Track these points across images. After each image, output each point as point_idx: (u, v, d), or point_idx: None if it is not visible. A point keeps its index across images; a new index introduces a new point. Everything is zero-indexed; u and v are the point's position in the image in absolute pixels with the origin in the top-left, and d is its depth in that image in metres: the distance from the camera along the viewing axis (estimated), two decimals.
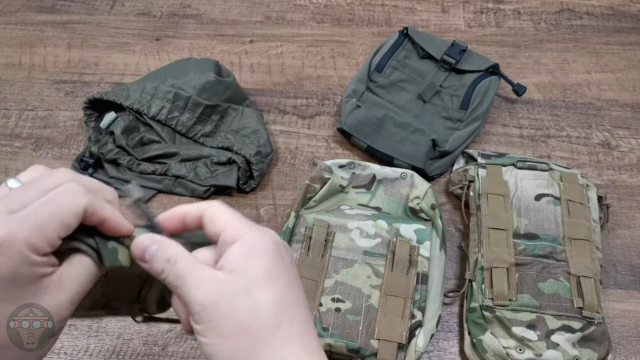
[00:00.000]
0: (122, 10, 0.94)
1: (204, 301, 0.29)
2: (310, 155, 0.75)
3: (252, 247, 0.31)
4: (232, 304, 0.29)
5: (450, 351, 0.60)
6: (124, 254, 0.32)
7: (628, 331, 0.61)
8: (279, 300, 0.30)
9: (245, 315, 0.29)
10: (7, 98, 0.82)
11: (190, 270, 0.30)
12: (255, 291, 0.30)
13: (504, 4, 0.94)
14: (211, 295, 0.29)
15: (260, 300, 0.29)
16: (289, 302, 0.30)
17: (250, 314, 0.29)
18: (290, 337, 0.30)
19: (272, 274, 0.30)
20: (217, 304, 0.29)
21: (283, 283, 0.30)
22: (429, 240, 0.62)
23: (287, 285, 0.31)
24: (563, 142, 0.77)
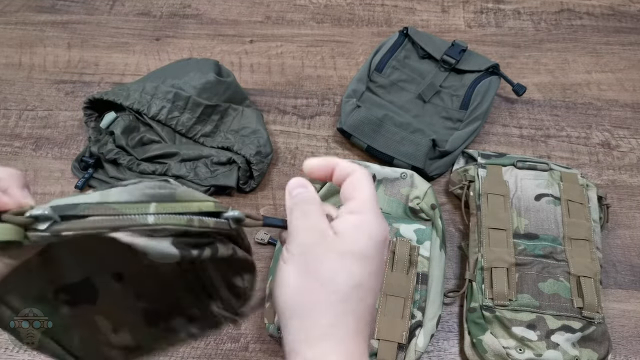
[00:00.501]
0: (122, 10, 0.94)
1: (307, 245, 0.31)
2: (310, 155, 0.75)
3: (366, 226, 0.32)
4: (324, 258, 0.31)
5: (450, 351, 0.60)
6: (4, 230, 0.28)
7: (628, 331, 0.61)
8: (361, 277, 0.31)
9: (328, 270, 0.31)
10: (7, 98, 0.82)
11: (313, 215, 0.33)
12: (348, 259, 0.31)
13: (504, 4, 0.94)
14: (315, 244, 0.31)
15: (347, 267, 0.31)
16: (367, 285, 0.32)
17: (331, 273, 0.31)
18: (350, 312, 0.31)
19: (369, 255, 0.32)
20: (314, 251, 0.31)
21: (372, 267, 0.32)
22: (429, 240, 0.62)
23: (374, 272, 0.32)
24: (563, 142, 0.77)
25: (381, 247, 0.33)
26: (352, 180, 0.35)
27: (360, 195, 0.34)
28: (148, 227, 0.28)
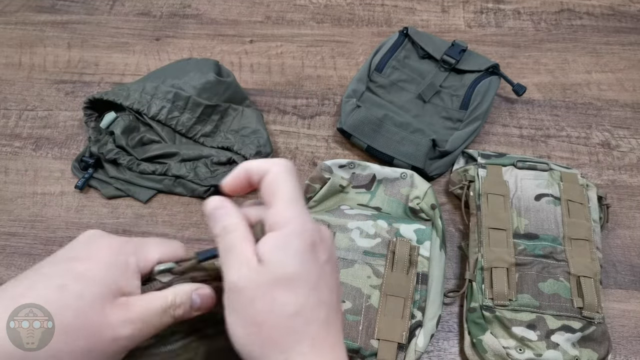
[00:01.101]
0: (122, 10, 0.94)
1: (234, 283, 0.30)
2: (310, 155, 0.75)
3: (285, 242, 0.30)
4: (253, 296, 0.30)
5: (450, 351, 0.60)
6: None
7: (628, 331, 0.61)
8: (297, 304, 0.30)
9: (262, 310, 0.29)
10: (7, 98, 0.82)
11: (236, 247, 0.31)
12: (276, 290, 0.30)
13: (504, 4, 0.94)
14: (241, 280, 0.30)
15: (278, 301, 0.30)
16: (310, 305, 0.30)
17: (266, 310, 0.29)
18: (300, 340, 0.30)
19: (296, 275, 0.30)
20: (242, 290, 0.30)
21: (308, 285, 0.30)
22: (429, 240, 0.62)
23: (312, 287, 0.30)
24: (563, 142, 0.77)
25: (309, 254, 0.30)
26: (266, 182, 0.32)
27: (276, 201, 0.31)
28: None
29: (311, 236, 0.31)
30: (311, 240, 0.31)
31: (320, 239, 0.32)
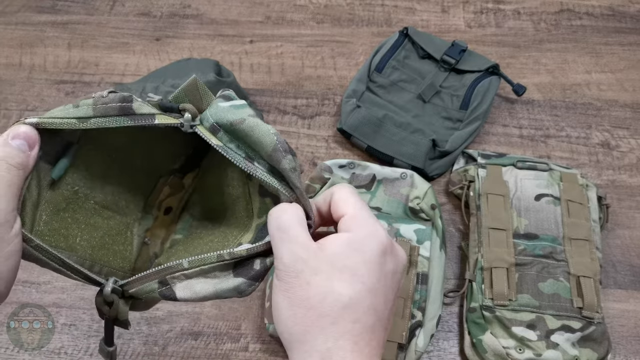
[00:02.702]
0: (122, 10, 0.94)
1: (288, 265, 0.31)
2: (310, 155, 0.75)
3: (358, 243, 0.31)
4: (309, 280, 0.30)
5: (450, 351, 0.60)
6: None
7: (628, 331, 0.61)
8: (353, 298, 0.30)
9: (315, 295, 0.30)
10: (8, 98, 0.82)
11: (293, 228, 0.31)
12: (335, 280, 0.30)
13: (504, 4, 0.94)
14: (298, 263, 0.30)
15: (334, 290, 0.30)
16: (363, 305, 0.30)
17: (319, 297, 0.30)
18: (344, 334, 0.30)
19: (359, 274, 0.30)
20: (299, 272, 0.30)
21: (365, 286, 0.30)
22: (429, 241, 0.62)
23: (369, 290, 0.31)
24: (563, 142, 0.77)
25: (376, 260, 0.31)
26: (334, 201, 0.34)
27: (346, 211, 0.33)
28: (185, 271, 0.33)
29: (383, 244, 0.32)
30: (383, 247, 0.31)
31: (392, 251, 0.32)
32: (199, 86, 0.34)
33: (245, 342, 0.61)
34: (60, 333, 0.61)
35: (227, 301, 0.63)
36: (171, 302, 0.36)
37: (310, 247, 0.31)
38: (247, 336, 0.61)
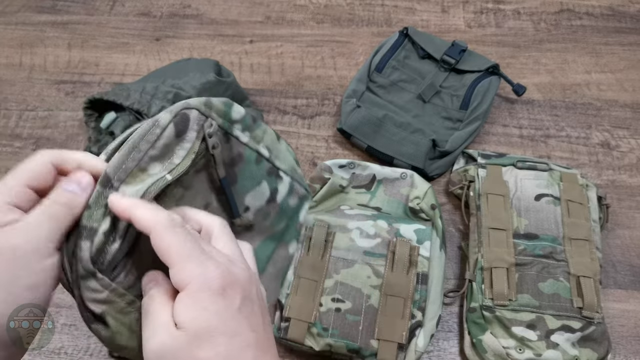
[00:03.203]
0: (122, 10, 0.94)
1: (155, 351, 0.29)
2: (310, 155, 0.75)
3: (196, 296, 0.29)
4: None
5: (450, 351, 0.60)
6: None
7: (627, 331, 0.61)
8: (220, 356, 0.29)
9: None
10: (8, 98, 0.82)
11: (155, 312, 0.30)
12: (195, 350, 0.29)
13: (504, 4, 0.94)
14: (160, 347, 0.29)
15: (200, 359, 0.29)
16: (233, 352, 0.29)
17: None
18: None
19: (212, 327, 0.29)
20: (164, 356, 0.29)
21: (226, 333, 0.29)
22: (429, 240, 0.62)
23: (231, 334, 0.30)
24: (563, 142, 0.77)
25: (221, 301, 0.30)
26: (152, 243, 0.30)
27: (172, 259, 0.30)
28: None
29: (217, 284, 0.30)
30: (217, 287, 0.30)
31: (230, 282, 0.31)
32: None
33: None
34: (60, 333, 0.61)
35: None
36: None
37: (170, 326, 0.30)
38: None
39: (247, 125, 0.39)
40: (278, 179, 0.42)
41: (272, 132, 0.42)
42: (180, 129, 0.35)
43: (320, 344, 0.56)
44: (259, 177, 0.40)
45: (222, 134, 0.37)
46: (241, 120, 0.39)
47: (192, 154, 0.35)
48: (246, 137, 0.39)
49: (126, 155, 0.33)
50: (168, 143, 0.34)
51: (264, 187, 0.41)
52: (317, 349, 0.56)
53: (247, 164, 0.39)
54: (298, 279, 0.59)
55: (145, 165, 0.33)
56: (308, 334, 0.57)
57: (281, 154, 0.42)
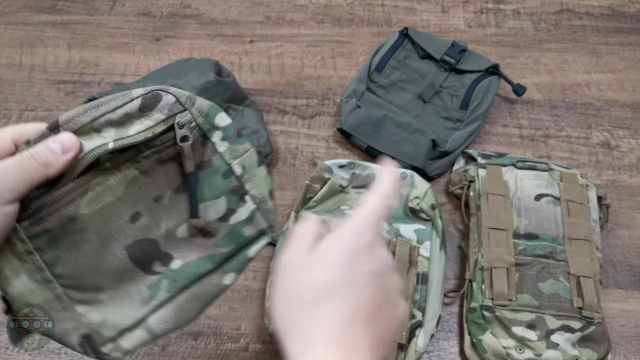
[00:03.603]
0: (122, 10, 0.94)
1: (282, 263, 0.34)
2: (310, 155, 0.75)
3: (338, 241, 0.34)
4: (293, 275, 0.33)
5: (450, 351, 0.60)
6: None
7: (628, 331, 0.61)
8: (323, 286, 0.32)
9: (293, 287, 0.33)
10: (8, 98, 0.82)
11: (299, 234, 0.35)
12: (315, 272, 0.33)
13: (504, 4, 0.94)
14: (288, 261, 0.34)
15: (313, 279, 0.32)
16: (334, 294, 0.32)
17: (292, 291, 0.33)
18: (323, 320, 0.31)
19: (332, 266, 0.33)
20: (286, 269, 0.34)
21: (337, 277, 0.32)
22: (429, 241, 0.62)
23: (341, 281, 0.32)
24: (563, 142, 0.77)
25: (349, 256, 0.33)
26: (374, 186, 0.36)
27: (360, 207, 0.35)
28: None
29: (357, 243, 0.33)
30: (356, 246, 0.33)
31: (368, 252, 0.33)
32: None
33: (245, 342, 0.61)
34: None
35: (227, 301, 0.63)
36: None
37: (303, 249, 0.34)
38: (247, 336, 0.61)
39: (228, 136, 0.38)
40: (241, 201, 0.39)
41: (255, 155, 0.40)
42: (146, 105, 0.35)
43: None
44: (220, 191, 0.39)
45: (199, 135, 0.37)
46: (224, 129, 0.38)
47: (149, 132, 0.35)
48: (223, 147, 0.38)
49: (83, 110, 0.34)
50: (129, 113, 0.35)
51: (221, 202, 0.39)
52: None
53: (213, 174, 0.38)
54: None
55: (99, 126, 0.34)
56: None
57: (256, 179, 0.40)
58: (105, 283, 0.37)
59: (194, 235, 0.39)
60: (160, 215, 0.37)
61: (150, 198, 0.37)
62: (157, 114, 0.35)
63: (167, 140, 0.36)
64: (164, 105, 0.35)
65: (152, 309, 0.38)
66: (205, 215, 0.38)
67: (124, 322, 0.37)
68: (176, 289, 0.39)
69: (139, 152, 0.36)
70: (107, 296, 0.37)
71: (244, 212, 0.40)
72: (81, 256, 0.35)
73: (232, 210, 0.39)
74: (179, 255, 0.39)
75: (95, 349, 0.36)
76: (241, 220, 0.40)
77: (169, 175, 0.37)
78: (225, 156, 0.38)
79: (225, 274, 0.41)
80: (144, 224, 0.37)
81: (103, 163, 0.35)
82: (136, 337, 0.38)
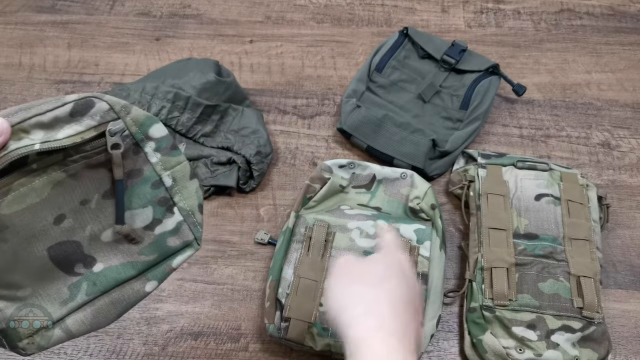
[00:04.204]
0: (122, 10, 0.94)
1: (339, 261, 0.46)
2: (310, 155, 0.75)
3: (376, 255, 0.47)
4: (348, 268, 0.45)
5: (450, 351, 0.60)
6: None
7: (628, 331, 0.61)
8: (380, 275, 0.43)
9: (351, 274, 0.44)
10: (7, 98, 0.82)
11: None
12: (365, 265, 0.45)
13: (504, 4, 0.94)
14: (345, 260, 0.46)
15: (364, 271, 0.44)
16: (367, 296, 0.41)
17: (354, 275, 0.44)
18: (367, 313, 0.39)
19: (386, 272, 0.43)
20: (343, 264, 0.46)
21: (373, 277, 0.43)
22: (429, 240, 0.62)
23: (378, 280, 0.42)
24: (563, 142, 0.77)
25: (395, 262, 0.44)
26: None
27: (386, 236, 0.49)
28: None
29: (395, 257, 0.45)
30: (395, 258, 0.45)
31: (385, 254, 0.46)
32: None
33: (245, 342, 0.61)
34: None
35: (227, 301, 0.63)
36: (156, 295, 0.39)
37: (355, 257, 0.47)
38: (247, 336, 0.61)
39: (162, 148, 0.39)
40: (168, 212, 0.40)
41: (188, 168, 0.41)
42: (77, 110, 0.35)
43: (320, 344, 0.56)
44: (147, 200, 0.39)
45: (132, 143, 0.37)
46: (158, 140, 0.39)
47: (78, 137, 0.35)
48: (155, 158, 0.39)
49: (15, 110, 0.35)
50: (59, 117, 0.35)
51: (148, 212, 0.40)
52: (317, 349, 0.56)
53: (142, 183, 0.39)
54: (298, 279, 0.59)
55: (28, 127, 0.34)
56: (308, 334, 0.57)
57: (186, 191, 0.41)
58: (24, 281, 0.37)
59: (119, 241, 0.39)
60: (86, 218, 0.38)
61: (77, 201, 0.37)
62: (88, 120, 0.36)
63: (98, 146, 0.36)
64: (97, 112, 0.36)
65: (70, 310, 0.38)
66: (132, 222, 0.39)
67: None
68: (96, 293, 0.39)
69: (67, 155, 0.36)
70: (26, 294, 0.37)
71: (171, 223, 0.41)
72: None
73: (158, 220, 0.40)
74: (102, 258, 0.39)
75: (12, 343, 0.37)
76: (167, 231, 0.41)
77: (98, 180, 0.38)
78: (156, 167, 0.39)
79: (147, 281, 0.41)
80: (67, 226, 0.37)
81: (30, 164, 0.35)
82: (52, 335, 0.38)
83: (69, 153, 0.36)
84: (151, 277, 0.41)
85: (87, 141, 0.36)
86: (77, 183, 0.37)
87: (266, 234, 0.67)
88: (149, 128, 0.38)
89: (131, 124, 0.37)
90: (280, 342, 0.59)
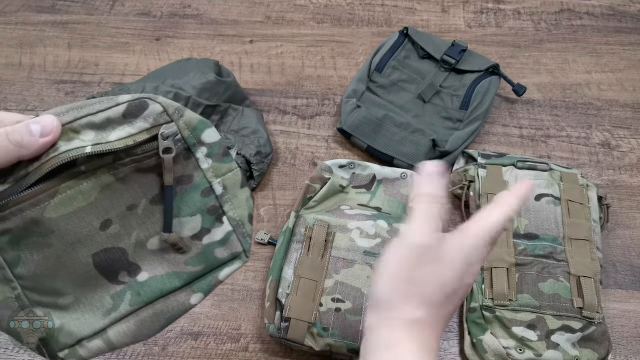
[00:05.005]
0: (122, 10, 0.94)
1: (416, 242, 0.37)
2: (310, 155, 0.75)
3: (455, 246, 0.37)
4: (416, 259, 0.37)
5: (450, 351, 0.60)
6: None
7: (628, 331, 0.61)
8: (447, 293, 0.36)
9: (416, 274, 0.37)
10: (7, 98, 0.82)
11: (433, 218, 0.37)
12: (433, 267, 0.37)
13: (504, 4, 0.94)
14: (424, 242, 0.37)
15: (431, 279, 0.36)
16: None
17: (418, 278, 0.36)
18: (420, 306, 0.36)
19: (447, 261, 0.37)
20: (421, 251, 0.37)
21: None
22: None
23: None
24: (563, 142, 0.77)
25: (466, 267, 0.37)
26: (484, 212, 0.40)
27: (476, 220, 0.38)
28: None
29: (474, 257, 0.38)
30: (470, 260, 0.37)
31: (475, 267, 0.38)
32: None
33: (245, 342, 0.61)
34: None
35: (227, 301, 0.63)
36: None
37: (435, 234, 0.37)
38: (247, 336, 0.61)
39: (213, 154, 0.37)
40: (217, 221, 0.38)
41: (239, 176, 0.38)
42: (130, 112, 0.34)
43: (320, 344, 0.56)
44: (196, 208, 0.38)
45: (183, 148, 0.36)
46: (210, 146, 0.37)
47: (130, 140, 0.33)
48: (207, 164, 0.37)
49: (66, 109, 0.33)
50: (112, 118, 0.34)
51: (196, 220, 0.38)
52: (317, 349, 0.56)
53: (192, 190, 0.37)
54: (298, 279, 0.59)
55: (79, 127, 0.33)
56: (308, 334, 0.57)
57: (237, 200, 0.39)
58: (66, 288, 0.35)
59: (165, 250, 0.38)
60: (132, 224, 0.36)
61: (124, 206, 0.36)
62: (140, 122, 0.34)
63: (149, 150, 0.35)
64: (150, 113, 0.34)
65: (112, 321, 0.37)
66: (179, 230, 0.37)
67: (83, 331, 0.36)
68: (139, 304, 0.37)
69: (117, 158, 0.34)
70: (68, 302, 0.36)
71: (219, 233, 0.39)
72: (42, 259, 0.34)
73: (207, 229, 0.38)
74: (147, 267, 0.37)
75: (52, 353, 0.36)
76: (215, 241, 0.39)
77: (146, 184, 0.36)
78: (207, 173, 0.37)
79: (193, 293, 0.39)
80: (114, 232, 0.36)
81: (78, 166, 0.33)
82: (93, 346, 0.37)
83: (119, 156, 0.34)
84: (197, 289, 0.39)
85: (139, 144, 0.34)
86: (125, 187, 0.35)
87: (266, 234, 0.67)
88: (202, 132, 0.36)
89: (184, 127, 0.35)
90: (280, 342, 0.59)
